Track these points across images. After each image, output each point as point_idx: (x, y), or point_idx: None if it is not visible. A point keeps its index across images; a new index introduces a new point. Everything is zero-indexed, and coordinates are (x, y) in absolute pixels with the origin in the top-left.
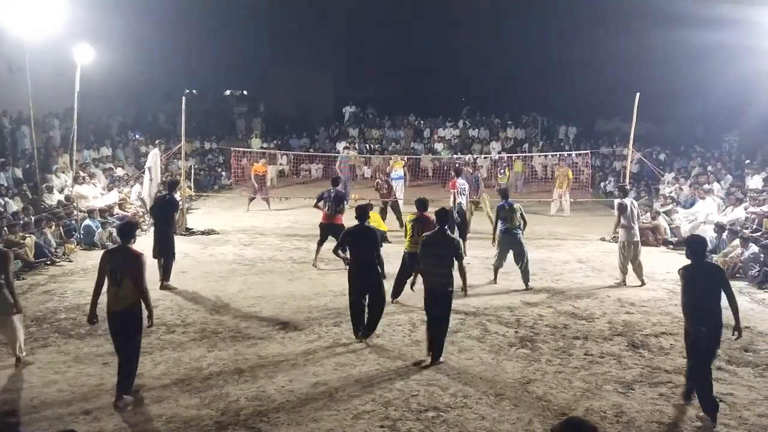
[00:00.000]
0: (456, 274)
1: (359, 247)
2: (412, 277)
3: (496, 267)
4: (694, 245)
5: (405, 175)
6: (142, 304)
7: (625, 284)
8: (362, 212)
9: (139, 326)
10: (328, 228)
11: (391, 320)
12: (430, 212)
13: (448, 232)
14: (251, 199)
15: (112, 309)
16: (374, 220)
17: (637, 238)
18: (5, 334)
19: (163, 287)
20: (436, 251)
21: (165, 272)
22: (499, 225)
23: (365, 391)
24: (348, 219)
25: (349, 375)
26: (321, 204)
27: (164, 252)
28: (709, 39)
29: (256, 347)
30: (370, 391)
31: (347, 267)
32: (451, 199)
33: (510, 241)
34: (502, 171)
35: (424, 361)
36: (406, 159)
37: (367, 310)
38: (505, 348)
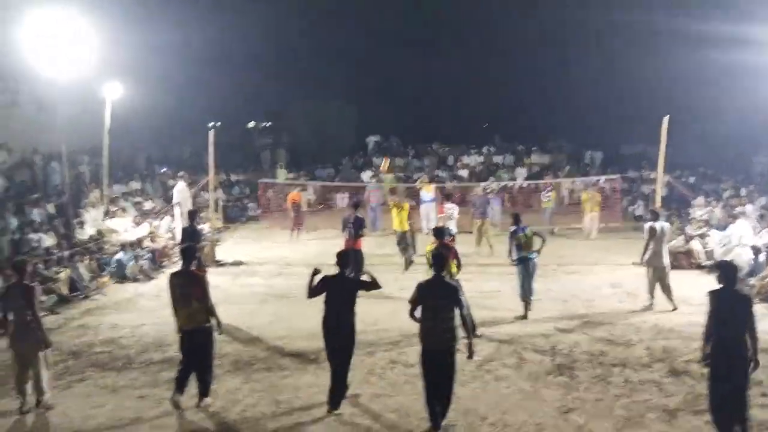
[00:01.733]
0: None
1: (335, 298)
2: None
3: (525, 299)
4: (724, 269)
5: (435, 198)
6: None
7: (652, 308)
8: (344, 258)
9: (212, 338)
10: (350, 254)
11: None
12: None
13: (446, 277)
14: (294, 229)
15: (184, 328)
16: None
17: (666, 262)
18: (33, 373)
19: None
20: (432, 303)
21: None
22: (514, 253)
23: (403, 421)
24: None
25: (384, 405)
26: (344, 230)
27: None
28: (735, 59)
29: (290, 378)
30: (408, 422)
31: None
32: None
33: (527, 268)
34: (547, 195)
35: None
36: (432, 184)
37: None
38: (543, 376)
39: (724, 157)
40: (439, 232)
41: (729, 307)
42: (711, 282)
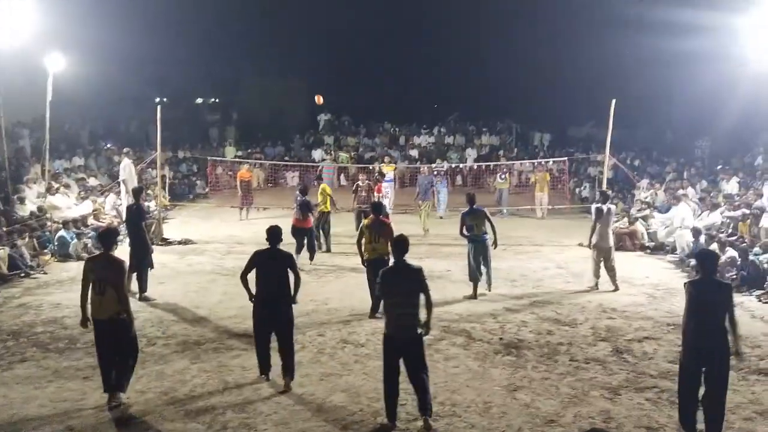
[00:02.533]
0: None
1: (268, 275)
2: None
3: (474, 279)
4: (705, 259)
5: (394, 178)
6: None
7: (597, 288)
8: (274, 233)
9: (128, 329)
10: (300, 231)
11: (375, 328)
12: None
13: (409, 261)
14: (242, 207)
15: (97, 317)
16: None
17: (611, 243)
18: None
19: (141, 299)
20: (398, 289)
21: (141, 283)
22: (465, 233)
23: (353, 401)
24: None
25: (335, 385)
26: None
27: (139, 262)
28: (679, 45)
29: (239, 358)
30: (358, 401)
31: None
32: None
33: (479, 249)
34: (503, 176)
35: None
36: (395, 164)
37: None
38: (491, 355)
39: (668, 141)
40: (377, 208)
41: (709, 298)
42: (654, 263)
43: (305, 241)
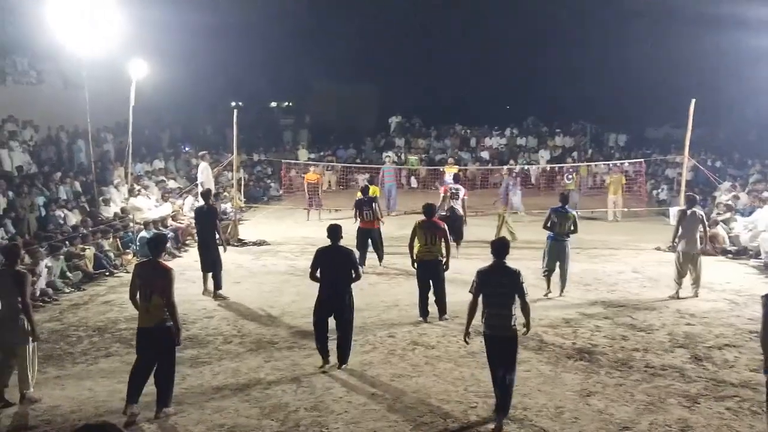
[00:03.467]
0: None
1: (331, 268)
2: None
3: (548, 274)
4: None
5: (459, 179)
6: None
7: (678, 297)
8: (334, 231)
9: (172, 339)
10: (367, 232)
11: (446, 331)
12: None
13: (507, 263)
14: (309, 209)
15: (142, 325)
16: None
17: (697, 249)
18: (18, 365)
19: (216, 297)
20: (497, 290)
21: (216, 282)
22: (549, 231)
23: (423, 403)
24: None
25: (406, 386)
26: (360, 213)
27: (212, 262)
28: (760, 42)
29: (312, 358)
30: (428, 402)
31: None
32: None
33: (558, 249)
34: (570, 176)
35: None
36: (457, 167)
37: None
38: (563, 360)
39: (751, 141)
40: (428, 210)
41: None
42: (735, 268)
43: (371, 243)
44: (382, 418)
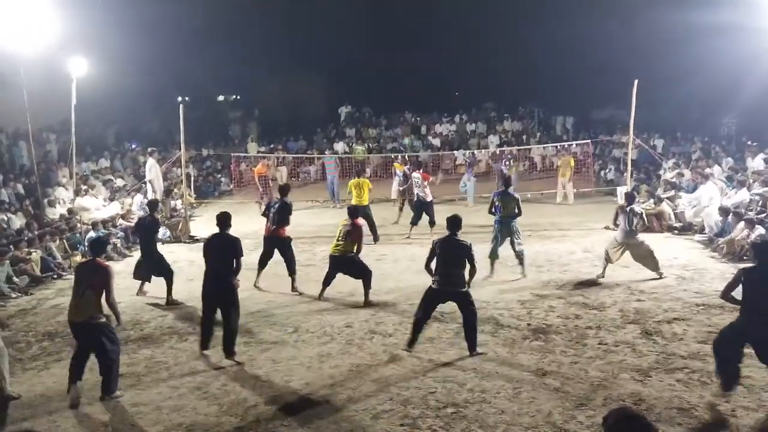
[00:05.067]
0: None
1: (214, 256)
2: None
3: (493, 258)
4: (760, 249)
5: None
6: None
7: (603, 276)
8: (222, 219)
9: (103, 333)
10: (271, 241)
11: (403, 319)
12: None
13: (459, 236)
14: (261, 202)
15: (71, 319)
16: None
17: (636, 240)
18: None
19: (168, 303)
20: (449, 255)
21: (168, 289)
22: (495, 214)
23: (382, 391)
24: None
25: (365, 375)
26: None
27: (157, 272)
28: (700, 20)
29: (269, 352)
30: (388, 390)
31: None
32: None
33: (506, 230)
34: (507, 163)
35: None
36: (405, 161)
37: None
38: (519, 341)
39: (693, 119)
40: (354, 211)
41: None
42: (682, 244)
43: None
44: (342, 409)
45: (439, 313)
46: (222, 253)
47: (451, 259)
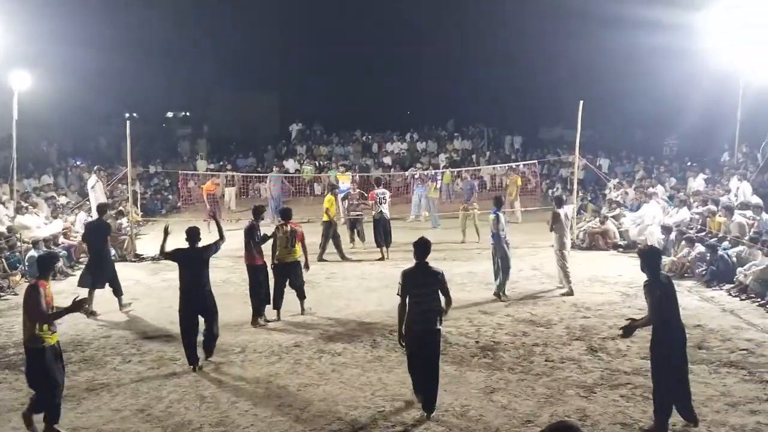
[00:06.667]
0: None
1: (192, 271)
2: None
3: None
4: (650, 258)
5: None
6: (37, 340)
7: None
8: (193, 234)
9: (36, 365)
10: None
11: (352, 338)
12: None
13: (430, 264)
14: (208, 220)
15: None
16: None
17: (569, 247)
18: None
19: (122, 308)
20: (422, 290)
21: (117, 296)
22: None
23: (331, 411)
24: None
25: (313, 395)
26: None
27: (107, 277)
28: (643, 42)
29: (216, 372)
30: (336, 410)
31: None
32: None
33: (495, 248)
34: (426, 185)
35: (412, 403)
36: (348, 172)
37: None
38: (467, 359)
39: (637, 139)
40: (285, 213)
41: (670, 293)
42: (626, 262)
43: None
44: (289, 429)
45: (389, 332)
46: (199, 264)
47: (425, 293)
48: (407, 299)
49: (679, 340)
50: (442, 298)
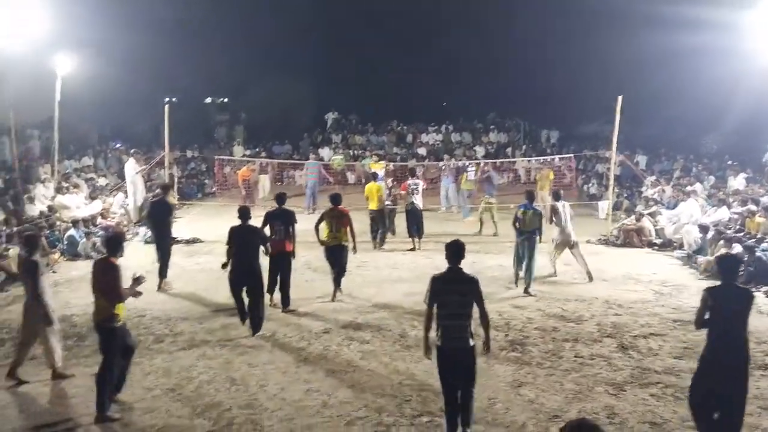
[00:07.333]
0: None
1: (240, 244)
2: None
3: (517, 269)
4: (726, 264)
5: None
6: (113, 319)
7: (556, 275)
8: (243, 212)
9: (108, 343)
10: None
11: (380, 326)
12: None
13: (464, 270)
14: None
15: (93, 320)
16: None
17: (573, 238)
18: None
19: (161, 286)
20: (452, 298)
21: (162, 271)
22: (517, 225)
23: (358, 398)
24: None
25: (341, 381)
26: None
27: (163, 252)
28: (686, 41)
29: (246, 355)
30: (363, 397)
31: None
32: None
33: (524, 245)
34: (471, 171)
35: (439, 393)
36: (383, 161)
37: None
38: (496, 352)
39: (676, 137)
40: (335, 199)
41: (729, 307)
42: (661, 260)
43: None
44: (316, 414)
45: (418, 322)
46: (248, 239)
47: (455, 302)
48: (434, 308)
49: (719, 365)
50: (476, 310)
